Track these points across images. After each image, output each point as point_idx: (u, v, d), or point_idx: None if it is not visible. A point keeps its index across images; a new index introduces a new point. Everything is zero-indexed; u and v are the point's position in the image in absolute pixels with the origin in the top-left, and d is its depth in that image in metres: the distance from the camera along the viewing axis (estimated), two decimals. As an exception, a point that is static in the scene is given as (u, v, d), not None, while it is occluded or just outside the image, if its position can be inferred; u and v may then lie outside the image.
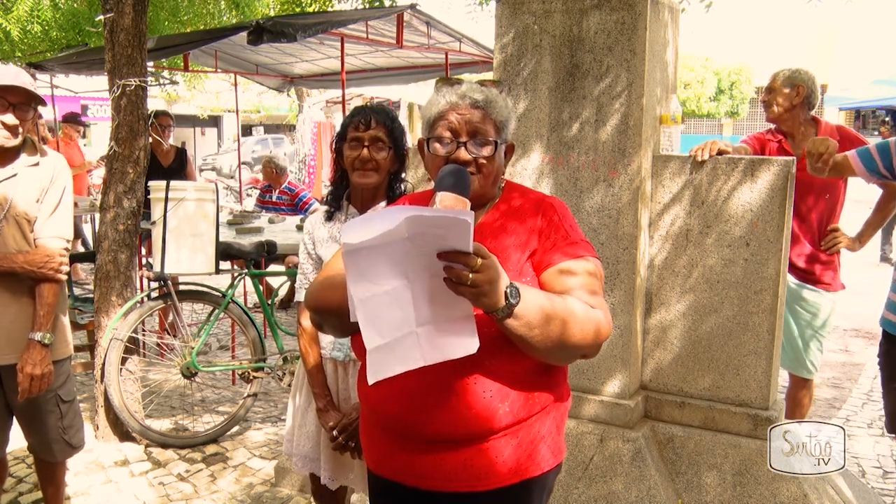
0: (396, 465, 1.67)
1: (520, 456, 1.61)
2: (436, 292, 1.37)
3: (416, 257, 1.35)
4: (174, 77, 10.16)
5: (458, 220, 1.29)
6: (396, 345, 1.41)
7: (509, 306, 1.40)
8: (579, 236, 1.69)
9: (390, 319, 1.39)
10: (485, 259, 1.34)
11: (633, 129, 2.77)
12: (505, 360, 1.56)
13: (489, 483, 1.60)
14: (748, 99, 24.11)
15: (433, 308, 1.39)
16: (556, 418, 1.69)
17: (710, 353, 2.86)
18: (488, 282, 1.35)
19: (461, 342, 1.41)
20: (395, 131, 2.33)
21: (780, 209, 2.70)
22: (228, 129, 28.09)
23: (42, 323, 2.60)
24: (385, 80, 8.89)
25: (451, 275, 1.33)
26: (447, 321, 1.40)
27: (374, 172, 2.30)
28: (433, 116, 1.67)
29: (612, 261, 2.85)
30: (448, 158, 1.62)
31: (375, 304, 1.39)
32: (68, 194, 2.72)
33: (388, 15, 5.90)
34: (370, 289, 1.38)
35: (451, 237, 1.31)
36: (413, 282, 1.37)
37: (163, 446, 4.03)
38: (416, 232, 1.31)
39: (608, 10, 2.77)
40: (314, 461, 2.51)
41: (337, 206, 2.43)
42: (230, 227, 5.21)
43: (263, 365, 4.22)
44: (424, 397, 1.58)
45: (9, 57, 8.28)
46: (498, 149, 1.66)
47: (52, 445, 2.84)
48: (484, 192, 1.68)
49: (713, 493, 2.79)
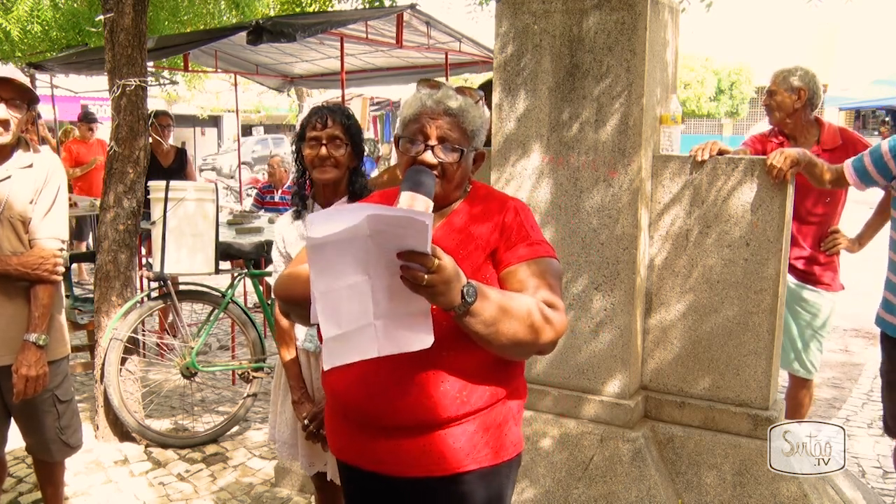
0: (357, 450, 1.75)
1: (476, 443, 1.68)
2: (394, 288, 1.41)
3: (377, 254, 1.38)
4: (174, 77, 10.16)
5: (416, 220, 1.33)
6: (353, 335, 1.45)
7: (465, 305, 1.46)
8: (538, 237, 1.75)
9: (349, 311, 1.43)
10: (441, 260, 1.39)
11: (632, 129, 2.77)
12: (461, 353, 1.63)
13: (445, 469, 1.67)
14: (748, 99, 24.11)
15: (391, 303, 1.43)
16: (512, 409, 1.76)
17: (710, 353, 2.86)
18: (443, 282, 1.40)
19: (417, 337, 1.45)
20: (352, 129, 2.44)
21: (780, 209, 2.70)
22: (228, 129, 28.09)
23: (37, 324, 2.59)
24: (385, 80, 8.90)
25: (408, 275, 1.38)
26: (404, 316, 1.44)
27: (333, 168, 2.40)
28: (408, 117, 1.74)
29: (612, 261, 2.85)
30: (415, 159, 1.69)
31: (335, 298, 1.43)
32: (63, 194, 2.71)
33: (387, 15, 5.91)
34: (331, 283, 1.42)
35: (410, 237, 1.35)
36: (373, 277, 1.41)
37: (163, 446, 4.03)
38: (377, 229, 1.35)
39: (608, 10, 2.77)
40: (293, 447, 2.62)
41: (303, 206, 2.54)
42: (230, 227, 5.21)
43: (263, 365, 4.22)
44: (384, 386, 1.65)
45: (9, 57, 8.28)
46: (465, 156, 1.72)
47: (50, 445, 2.84)
48: (447, 195, 1.74)
49: (713, 493, 2.79)
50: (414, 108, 1.74)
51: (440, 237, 1.71)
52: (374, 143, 14.39)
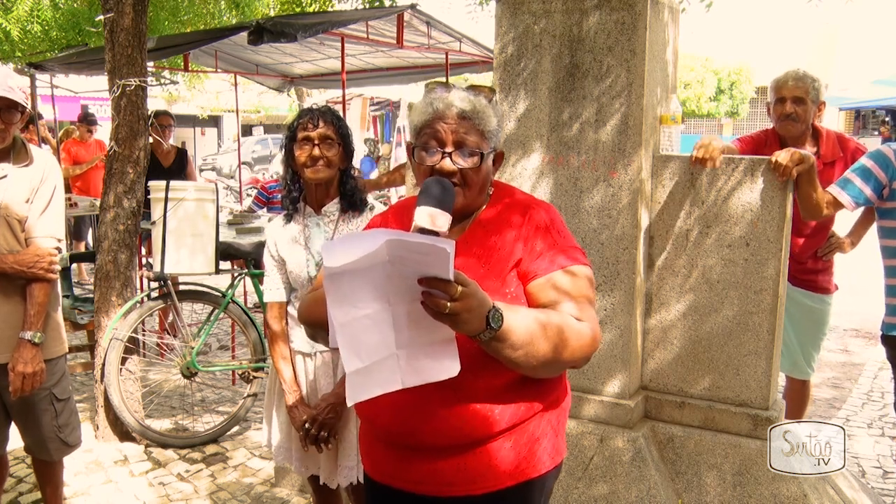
0: (393, 471, 1.68)
1: (515, 458, 1.61)
2: (416, 316, 1.35)
3: (397, 280, 1.32)
4: (174, 77, 10.16)
5: (437, 248, 1.26)
6: (376, 367, 1.39)
7: (491, 331, 1.38)
8: (569, 242, 1.66)
9: (370, 342, 1.38)
10: (464, 287, 1.32)
11: (632, 129, 2.77)
12: (491, 375, 1.56)
13: (485, 486, 1.60)
14: (748, 99, 24.10)
15: (413, 331, 1.37)
16: (551, 420, 1.68)
17: (710, 353, 2.86)
18: (467, 310, 1.32)
19: (442, 365, 1.39)
20: (342, 129, 2.46)
21: (780, 209, 2.70)
22: (228, 129, 28.08)
23: (32, 322, 2.62)
24: (385, 80, 8.89)
25: (430, 302, 1.31)
26: (427, 344, 1.38)
27: (325, 168, 2.43)
28: (420, 124, 1.64)
29: (611, 261, 2.85)
30: (433, 169, 1.59)
31: (356, 328, 1.37)
32: (59, 193, 2.74)
33: (388, 15, 5.90)
34: (350, 312, 1.36)
35: (431, 264, 1.29)
36: (394, 305, 1.35)
37: (163, 446, 4.03)
38: (396, 255, 1.29)
39: (608, 10, 2.77)
40: (287, 450, 2.64)
41: (294, 209, 2.54)
42: (230, 227, 5.20)
43: (263, 365, 4.22)
44: (412, 410, 1.58)
45: (9, 57, 8.28)
46: (484, 159, 1.62)
47: (48, 444, 2.84)
48: (469, 203, 1.65)
49: (713, 493, 2.79)
50: (425, 114, 1.63)
51: (460, 251, 1.61)
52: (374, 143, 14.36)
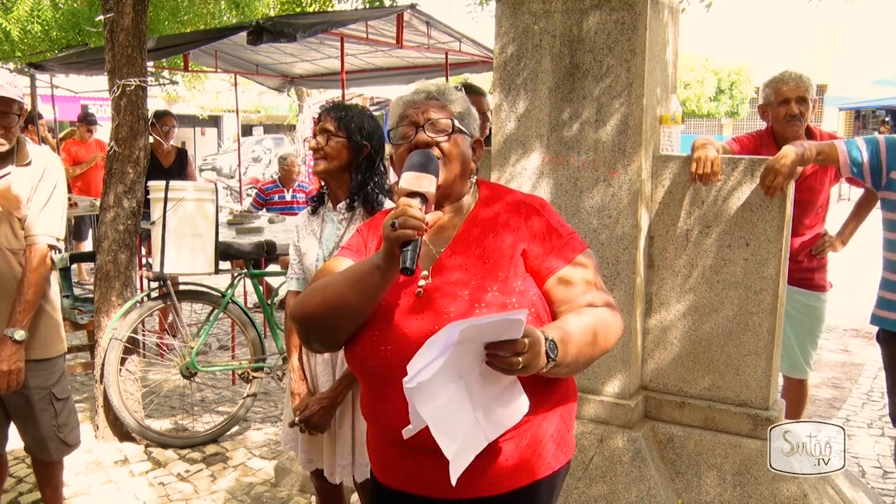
0: (405, 475, 1.68)
1: (529, 456, 1.62)
2: (483, 373, 1.41)
3: (465, 355, 1.38)
4: (174, 77, 10.16)
5: (512, 320, 1.32)
6: (465, 438, 1.45)
7: (551, 361, 1.44)
8: (567, 231, 1.72)
9: (456, 421, 1.43)
10: (529, 337, 1.37)
11: (632, 129, 2.77)
12: None
13: (501, 487, 1.61)
14: (748, 99, 24.08)
15: (484, 389, 1.43)
16: (563, 416, 1.71)
17: (709, 353, 2.86)
18: (535, 356, 1.39)
19: (514, 409, 1.46)
20: (346, 123, 2.47)
21: (780, 209, 2.70)
22: (228, 129, 28.05)
23: (17, 320, 2.64)
24: (385, 80, 8.88)
25: (502, 363, 1.37)
26: (498, 395, 1.45)
27: (322, 161, 2.46)
28: (395, 120, 1.74)
29: (612, 261, 2.85)
30: (411, 146, 1.68)
31: (443, 416, 1.41)
32: (60, 192, 2.75)
33: (388, 15, 5.90)
34: (433, 404, 1.39)
35: (503, 333, 1.34)
36: (465, 377, 1.41)
37: (163, 446, 4.03)
38: (467, 337, 1.34)
39: (608, 10, 2.77)
40: (294, 440, 2.68)
41: (321, 202, 2.64)
42: (230, 227, 5.21)
43: (263, 365, 4.22)
44: None
45: (9, 57, 8.29)
46: (456, 132, 1.70)
47: (48, 444, 2.85)
48: (453, 180, 1.70)
49: (713, 493, 2.79)
50: (398, 108, 1.75)
51: (460, 251, 1.66)
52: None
